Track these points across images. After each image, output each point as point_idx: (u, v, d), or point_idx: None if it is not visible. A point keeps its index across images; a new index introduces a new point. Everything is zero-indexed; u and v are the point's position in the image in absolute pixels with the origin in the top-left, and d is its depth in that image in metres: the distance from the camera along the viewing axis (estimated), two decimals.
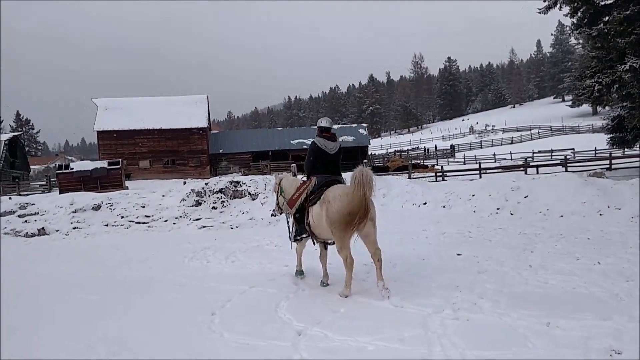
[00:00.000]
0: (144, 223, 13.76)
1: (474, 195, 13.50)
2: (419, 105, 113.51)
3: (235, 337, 4.11)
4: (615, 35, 15.62)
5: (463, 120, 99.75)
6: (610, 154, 22.88)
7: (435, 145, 57.85)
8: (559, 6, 17.61)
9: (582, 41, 25.58)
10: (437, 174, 20.92)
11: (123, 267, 7.95)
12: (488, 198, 12.99)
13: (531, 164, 21.22)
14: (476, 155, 41.79)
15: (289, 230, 6.13)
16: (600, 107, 42.02)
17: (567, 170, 17.91)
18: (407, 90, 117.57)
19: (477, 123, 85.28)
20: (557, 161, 23.17)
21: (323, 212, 5.19)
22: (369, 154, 50.10)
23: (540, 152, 37.21)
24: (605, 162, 19.95)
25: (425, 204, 14.18)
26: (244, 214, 13.86)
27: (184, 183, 22.34)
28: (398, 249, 7.85)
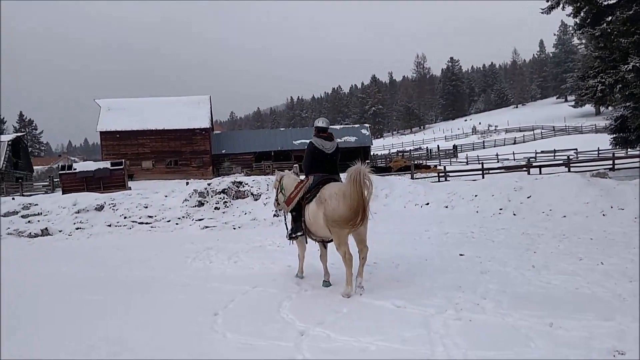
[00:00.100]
0: (146, 223, 13.79)
1: (476, 196, 13.48)
2: (421, 105, 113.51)
3: (238, 337, 4.10)
4: (619, 35, 15.60)
5: (466, 120, 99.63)
6: (613, 154, 22.81)
7: (438, 146, 57.89)
8: (561, 6, 17.61)
9: (585, 41, 25.57)
10: (440, 174, 20.94)
11: (125, 267, 7.96)
12: (491, 198, 12.98)
13: (534, 164, 21.21)
14: (479, 156, 41.79)
15: (286, 227, 6.20)
16: (603, 107, 41.79)
17: (570, 171, 17.86)
18: (410, 91, 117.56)
19: (479, 123, 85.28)
20: (560, 161, 23.14)
21: (320, 210, 5.21)
22: (372, 154, 50.12)
23: (543, 152, 37.17)
24: (609, 163, 19.90)
25: (428, 204, 14.17)
26: (246, 214, 13.87)
27: (187, 183, 22.37)
28: (400, 249, 7.86)
